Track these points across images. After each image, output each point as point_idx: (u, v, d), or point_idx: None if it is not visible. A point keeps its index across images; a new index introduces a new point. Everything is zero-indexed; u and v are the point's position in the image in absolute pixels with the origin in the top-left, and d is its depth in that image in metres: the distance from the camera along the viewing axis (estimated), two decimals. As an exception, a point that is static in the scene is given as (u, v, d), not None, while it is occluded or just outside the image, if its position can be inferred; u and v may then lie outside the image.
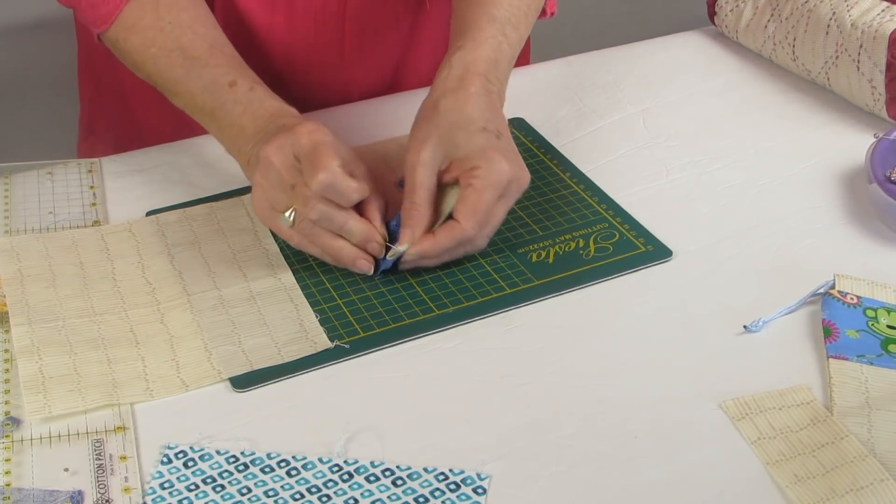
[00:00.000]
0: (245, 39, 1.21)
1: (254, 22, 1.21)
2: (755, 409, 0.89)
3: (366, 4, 1.23)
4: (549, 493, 0.83)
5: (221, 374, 0.93)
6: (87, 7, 1.11)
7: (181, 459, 0.86)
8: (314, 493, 0.84)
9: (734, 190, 1.12)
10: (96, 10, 1.11)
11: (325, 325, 0.97)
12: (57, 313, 0.98)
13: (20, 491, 0.83)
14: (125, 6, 1.09)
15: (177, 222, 1.08)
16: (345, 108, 1.26)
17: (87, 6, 1.11)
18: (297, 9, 1.21)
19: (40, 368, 0.92)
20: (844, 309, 0.97)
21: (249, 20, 1.21)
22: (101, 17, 1.11)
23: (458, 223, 0.99)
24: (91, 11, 1.11)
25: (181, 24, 1.09)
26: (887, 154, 1.09)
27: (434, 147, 1.00)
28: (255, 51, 1.22)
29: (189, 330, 0.97)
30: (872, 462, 0.84)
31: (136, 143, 1.23)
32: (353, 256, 1.00)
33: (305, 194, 0.96)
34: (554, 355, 0.95)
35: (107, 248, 1.05)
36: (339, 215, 0.98)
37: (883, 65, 1.16)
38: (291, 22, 1.21)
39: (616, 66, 1.32)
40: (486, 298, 1.00)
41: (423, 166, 1.00)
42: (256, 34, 1.22)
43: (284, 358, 0.94)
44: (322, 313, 0.98)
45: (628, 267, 1.03)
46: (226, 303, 0.99)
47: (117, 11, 1.09)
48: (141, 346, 0.95)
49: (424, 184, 1.00)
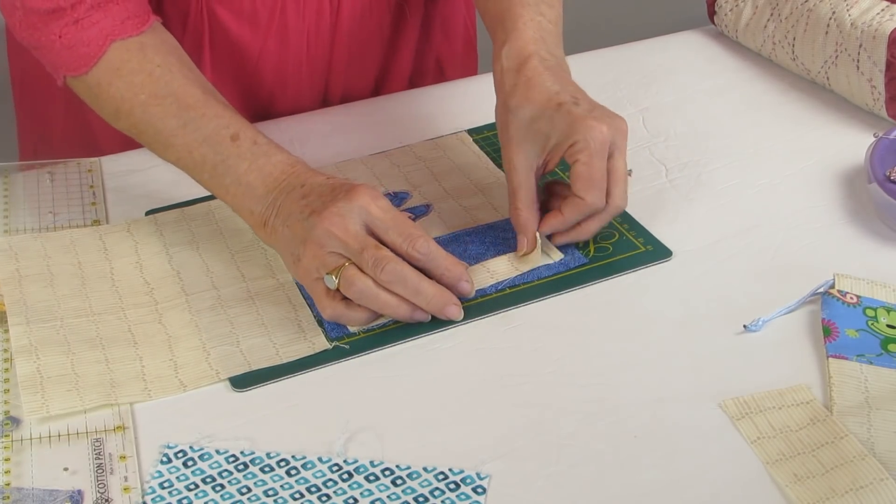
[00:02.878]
0: (235, 67, 1.21)
1: (245, 49, 1.20)
2: (755, 409, 0.89)
3: (354, 19, 1.22)
4: (548, 492, 0.83)
5: (220, 374, 0.93)
6: (61, 49, 1.02)
7: (181, 459, 0.86)
8: (314, 492, 0.84)
9: (734, 190, 1.12)
10: (73, 52, 1.02)
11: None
12: (55, 313, 0.98)
13: (20, 490, 0.83)
14: (109, 47, 1.02)
15: (175, 222, 1.08)
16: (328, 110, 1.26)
17: (61, 48, 1.02)
18: (290, 32, 1.20)
19: (38, 368, 0.92)
20: (844, 308, 0.97)
21: (241, 48, 1.19)
22: (80, 58, 1.02)
23: (582, 199, 0.99)
24: (67, 53, 1.03)
25: (171, 67, 1.03)
26: (887, 154, 1.09)
27: (525, 149, 1.00)
28: (246, 77, 1.21)
29: (187, 330, 0.97)
30: (872, 461, 0.84)
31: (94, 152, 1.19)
32: (410, 310, 0.96)
33: (377, 255, 0.93)
34: (554, 355, 0.95)
35: (105, 248, 1.05)
36: (412, 276, 0.95)
37: (883, 64, 1.16)
38: (284, 46, 1.21)
39: (616, 65, 1.32)
40: (486, 298, 1.00)
41: (516, 170, 1.01)
42: (248, 61, 1.20)
43: (283, 358, 0.94)
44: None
45: (628, 267, 1.03)
46: (224, 303, 0.99)
47: (100, 53, 1.02)
48: (139, 345, 0.95)
49: (523, 186, 1.01)
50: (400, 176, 1.14)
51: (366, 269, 0.94)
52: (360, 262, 0.94)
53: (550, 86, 1.00)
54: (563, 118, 0.99)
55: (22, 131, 1.35)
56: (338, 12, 1.21)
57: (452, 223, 1.07)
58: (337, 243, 0.94)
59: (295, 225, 0.96)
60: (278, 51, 1.20)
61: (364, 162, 1.16)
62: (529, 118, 1.00)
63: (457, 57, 1.36)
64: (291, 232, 0.96)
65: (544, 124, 1.00)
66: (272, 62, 1.21)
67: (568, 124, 0.99)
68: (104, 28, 1.02)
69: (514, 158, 1.01)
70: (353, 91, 1.29)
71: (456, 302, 0.96)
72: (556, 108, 0.99)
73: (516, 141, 1.01)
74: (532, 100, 1.00)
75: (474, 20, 1.37)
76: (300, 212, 0.96)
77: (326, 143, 1.20)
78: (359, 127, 1.23)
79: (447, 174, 1.14)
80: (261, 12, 1.17)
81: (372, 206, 0.95)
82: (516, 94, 1.01)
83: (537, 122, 1.00)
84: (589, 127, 0.98)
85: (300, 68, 1.23)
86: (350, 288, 0.94)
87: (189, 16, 1.16)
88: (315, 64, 1.23)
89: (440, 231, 1.06)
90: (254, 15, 1.17)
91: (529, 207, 1.01)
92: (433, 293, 0.95)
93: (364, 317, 0.96)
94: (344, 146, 1.19)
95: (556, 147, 1.00)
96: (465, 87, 1.30)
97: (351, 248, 0.94)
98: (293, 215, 0.96)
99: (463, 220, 1.08)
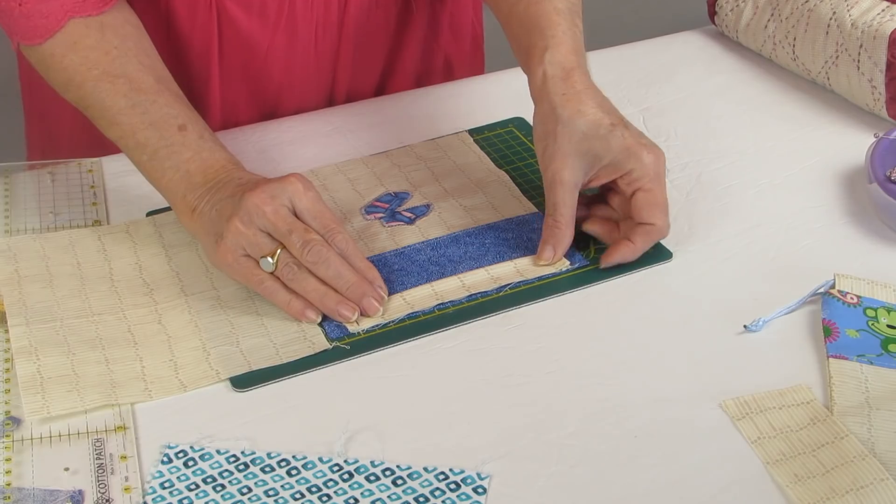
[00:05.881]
0: (244, 61, 1.21)
1: (255, 44, 1.20)
2: (755, 409, 0.89)
3: (362, 11, 1.23)
4: (548, 492, 0.83)
5: (220, 374, 0.93)
6: (19, 17, 1.04)
7: (181, 459, 0.86)
8: (314, 492, 0.84)
9: (734, 190, 1.12)
10: (30, 22, 1.04)
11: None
12: (55, 314, 0.98)
13: (20, 490, 0.83)
14: (68, 22, 1.03)
15: (175, 223, 1.08)
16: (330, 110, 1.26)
17: (20, 16, 1.04)
18: (298, 24, 1.20)
19: (38, 369, 0.92)
20: (844, 308, 0.97)
21: (250, 42, 1.20)
22: (36, 29, 1.04)
23: (654, 225, 1.00)
24: (24, 22, 1.04)
25: (127, 51, 1.04)
26: (887, 154, 1.09)
27: (574, 165, 1.00)
28: (255, 71, 1.22)
29: (187, 330, 0.97)
30: (872, 461, 0.84)
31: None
32: (336, 301, 0.97)
33: (306, 237, 0.95)
34: (554, 355, 0.95)
35: (104, 249, 1.05)
36: (336, 260, 0.96)
37: (883, 64, 1.16)
38: (293, 39, 1.21)
39: (616, 65, 1.32)
40: (487, 298, 1.00)
41: (563, 185, 1.00)
42: (257, 55, 1.21)
43: (283, 358, 0.94)
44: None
45: (628, 268, 1.03)
46: (224, 303, 0.99)
47: (57, 28, 1.03)
48: (139, 346, 0.95)
49: (567, 202, 1.00)
50: (401, 176, 1.14)
51: (291, 250, 0.95)
52: (286, 242, 0.96)
53: (599, 106, 1.00)
54: (618, 142, 0.99)
55: (30, 131, 1.35)
56: (346, 5, 1.21)
57: (453, 223, 1.07)
58: (265, 222, 0.95)
59: (224, 205, 0.98)
60: (287, 44, 1.21)
61: (365, 162, 1.16)
62: (582, 133, 0.99)
63: (465, 56, 1.36)
64: (217, 213, 0.98)
65: (598, 144, 0.99)
66: (280, 56, 1.21)
67: (623, 149, 0.99)
68: (65, 3, 1.04)
69: (561, 171, 1.00)
70: (359, 87, 1.29)
71: (376, 297, 0.97)
72: (609, 129, 1.00)
73: (565, 154, 1.00)
74: (585, 114, 0.99)
75: (481, 20, 1.37)
76: (231, 196, 0.98)
77: (328, 143, 1.20)
78: (360, 127, 1.23)
79: (448, 174, 1.14)
80: (270, 5, 1.18)
81: (302, 193, 0.96)
82: (568, 105, 1.00)
83: (590, 139, 0.99)
84: (642, 155, 1.00)
85: (308, 62, 1.23)
86: (286, 274, 0.95)
87: (198, 10, 1.16)
88: (322, 58, 1.24)
89: (440, 231, 1.06)
90: (263, 8, 1.18)
91: (569, 225, 1.01)
92: (354, 281, 0.96)
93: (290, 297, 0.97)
94: (345, 146, 1.19)
95: (605, 169, 1.01)
96: (470, 86, 1.30)
97: (279, 229, 0.95)
98: (223, 199, 0.98)
99: (463, 220, 1.08)
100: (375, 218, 1.08)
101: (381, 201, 1.11)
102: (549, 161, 1.01)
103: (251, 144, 1.20)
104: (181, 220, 1.02)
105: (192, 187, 1.00)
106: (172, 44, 1.18)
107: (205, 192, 1.00)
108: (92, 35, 1.04)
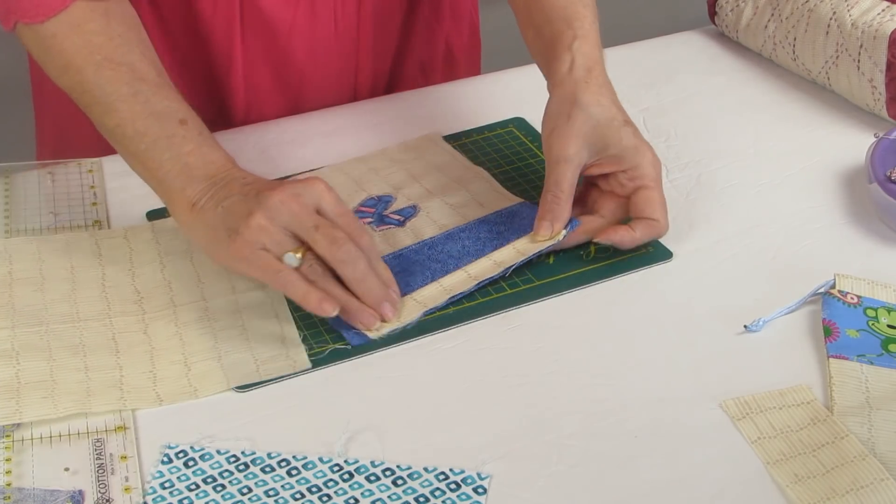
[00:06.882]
0: (267, 44, 1.20)
1: (277, 25, 1.20)
2: (755, 409, 0.89)
3: None
4: (548, 492, 0.83)
5: (197, 392, 0.91)
6: None
7: (181, 459, 0.86)
8: (314, 492, 0.84)
9: (734, 190, 1.13)
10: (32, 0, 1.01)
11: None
12: (41, 318, 0.97)
13: (21, 490, 0.83)
14: (73, 4, 1.01)
15: (172, 230, 1.06)
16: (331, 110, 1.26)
17: None
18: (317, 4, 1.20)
19: (16, 373, 0.91)
20: (845, 308, 0.97)
21: (273, 24, 1.19)
22: (40, 7, 1.01)
23: (657, 221, 1.03)
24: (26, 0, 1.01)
25: (130, 40, 1.02)
26: (887, 154, 1.09)
27: (581, 144, 1.02)
28: (278, 54, 1.21)
29: (171, 343, 0.95)
30: (872, 462, 0.84)
31: None
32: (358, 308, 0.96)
33: (334, 234, 0.94)
34: (554, 355, 0.95)
35: (100, 254, 1.04)
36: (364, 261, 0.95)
37: (883, 64, 1.16)
38: (313, 18, 1.21)
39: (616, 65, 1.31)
40: (487, 298, 1.00)
41: (568, 162, 1.02)
42: (280, 37, 1.20)
43: (262, 376, 0.92)
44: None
45: (628, 268, 1.03)
46: (210, 315, 0.98)
47: (62, 7, 1.00)
48: (121, 354, 0.94)
49: (568, 179, 1.02)
50: (379, 179, 1.13)
51: (317, 247, 0.94)
52: (312, 239, 0.94)
53: (614, 102, 1.04)
54: (629, 138, 1.02)
55: (41, 131, 1.35)
56: None
57: (443, 222, 1.07)
58: (290, 219, 0.94)
59: (234, 202, 0.95)
60: (308, 25, 1.20)
61: (340, 168, 1.15)
62: (597, 120, 1.02)
63: (464, 43, 1.37)
64: (225, 210, 0.95)
65: (610, 134, 1.02)
66: (303, 37, 1.21)
67: (631, 147, 1.02)
68: None
69: (568, 148, 1.02)
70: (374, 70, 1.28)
71: (392, 301, 0.97)
72: (622, 124, 1.03)
73: (575, 134, 1.02)
74: (604, 107, 1.02)
75: (477, 7, 1.38)
76: (243, 194, 0.96)
77: (328, 143, 1.20)
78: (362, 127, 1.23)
79: (426, 174, 1.14)
80: None
81: (327, 194, 0.96)
82: (589, 91, 1.03)
83: (603, 128, 1.02)
84: (646, 155, 1.03)
85: (329, 44, 1.23)
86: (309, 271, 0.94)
87: None
88: (343, 39, 1.23)
89: (433, 231, 1.06)
90: None
91: (568, 201, 1.02)
92: (376, 284, 0.96)
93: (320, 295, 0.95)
94: (346, 146, 1.19)
95: (610, 158, 1.03)
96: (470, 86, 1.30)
97: (305, 225, 0.94)
98: (232, 197, 0.96)
99: (453, 218, 1.07)
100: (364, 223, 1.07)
101: (366, 206, 1.10)
102: (556, 139, 1.02)
103: (251, 144, 1.20)
104: (175, 215, 0.99)
105: (193, 181, 0.98)
106: (195, 29, 1.17)
107: (207, 187, 0.97)
108: (97, 20, 1.02)
